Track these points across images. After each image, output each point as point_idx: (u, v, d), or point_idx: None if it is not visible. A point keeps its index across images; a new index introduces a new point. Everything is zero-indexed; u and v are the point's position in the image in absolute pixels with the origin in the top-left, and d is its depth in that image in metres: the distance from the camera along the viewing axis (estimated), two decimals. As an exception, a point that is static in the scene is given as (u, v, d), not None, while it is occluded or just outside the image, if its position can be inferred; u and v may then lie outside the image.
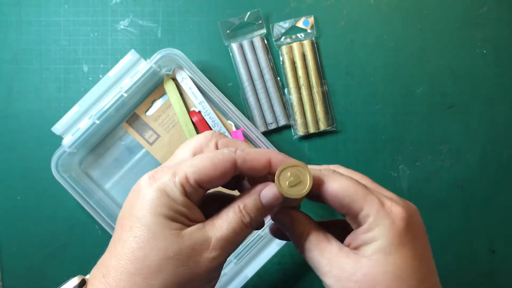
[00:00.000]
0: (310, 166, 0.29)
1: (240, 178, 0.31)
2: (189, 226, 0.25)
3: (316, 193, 0.28)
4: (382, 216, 0.26)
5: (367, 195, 0.26)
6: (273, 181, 0.27)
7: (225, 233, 0.26)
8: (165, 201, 0.25)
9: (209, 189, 0.27)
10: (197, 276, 0.25)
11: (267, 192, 0.27)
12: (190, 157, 0.28)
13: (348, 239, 0.28)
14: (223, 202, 0.28)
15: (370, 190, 0.27)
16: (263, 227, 0.36)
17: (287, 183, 0.26)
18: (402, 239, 0.26)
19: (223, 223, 0.26)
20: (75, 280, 0.26)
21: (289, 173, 0.26)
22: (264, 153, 0.27)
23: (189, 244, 0.25)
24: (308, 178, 0.26)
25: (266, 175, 0.28)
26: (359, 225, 0.27)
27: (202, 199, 0.28)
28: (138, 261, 0.24)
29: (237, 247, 0.27)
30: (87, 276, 0.27)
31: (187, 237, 0.25)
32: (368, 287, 0.25)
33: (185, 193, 0.25)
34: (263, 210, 0.27)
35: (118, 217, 0.27)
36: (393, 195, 0.28)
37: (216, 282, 0.27)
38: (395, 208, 0.26)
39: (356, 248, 0.27)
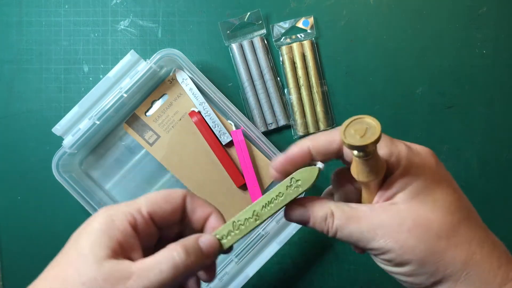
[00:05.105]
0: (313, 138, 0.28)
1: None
2: (118, 256, 0.24)
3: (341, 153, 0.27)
4: (413, 156, 0.25)
5: (393, 140, 0.26)
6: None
7: (151, 273, 0.23)
8: (107, 228, 0.25)
9: (161, 226, 0.27)
10: None
11: (206, 236, 0.27)
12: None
13: (377, 196, 0.27)
14: None
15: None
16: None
17: (356, 135, 0.23)
18: (437, 175, 0.26)
19: (152, 261, 0.24)
20: None
21: (353, 130, 0.23)
22: (211, 205, 0.28)
23: (105, 274, 0.23)
24: (373, 122, 0.23)
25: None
26: (391, 172, 0.25)
27: (152, 250, 0.26)
28: (59, 283, 0.24)
29: None
30: None
31: (107, 266, 0.23)
32: (423, 231, 0.24)
33: (135, 223, 0.25)
34: (200, 252, 0.26)
35: None
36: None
37: None
38: (420, 148, 0.26)
39: (389, 198, 0.26)
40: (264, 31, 0.52)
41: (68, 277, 0.23)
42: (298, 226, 0.47)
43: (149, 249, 0.27)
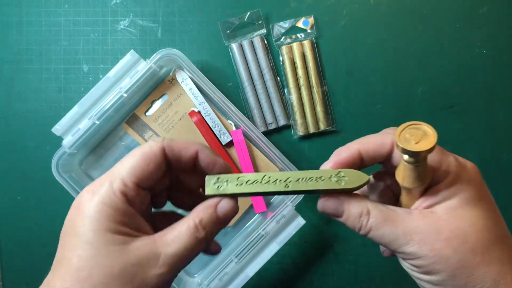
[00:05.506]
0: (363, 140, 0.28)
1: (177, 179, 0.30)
2: (135, 237, 0.24)
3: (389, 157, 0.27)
4: (461, 169, 0.25)
5: (443, 150, 0.26)
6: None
7: (176, 249, 0.24)
8: (106, 214, 0.24)
9: (149, 187, 0.26)
10: None
11: (224, 203, 0.26)
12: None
13: (417, 202, 0.27)
14: (176, 219, 0.27)
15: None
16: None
17: (411, 141, 0.23)
18: (480, 192, 0.26)
19: (175, 238, 0.25)
20: None
21: (408, 135, 0.23)
22: (193, 143, 0.27)
23: (135, 260, 0.23)
24: (430, 130, 0.23)
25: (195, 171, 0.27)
26: (436, 181, 0.26)
27: (148, 208, 0.26)
28: (83, 282, 0.23)
29: (188, 264, 0.26)
30: None
31: (133, 252, 0.24)
32: (459, 243, 0.24)
33: (127, 199, 0.25)
34: (219, 223, 0.26)
35: (60, 235, 0.26)
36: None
37: None
38: (468, 163, 0.26)
39: (430, 206, 0.26)
40: (264, 31, 0.52)
41: (93, 273, 0.23)
42: (298, 226, 0.47)
43: (146, 211, 0.26)
